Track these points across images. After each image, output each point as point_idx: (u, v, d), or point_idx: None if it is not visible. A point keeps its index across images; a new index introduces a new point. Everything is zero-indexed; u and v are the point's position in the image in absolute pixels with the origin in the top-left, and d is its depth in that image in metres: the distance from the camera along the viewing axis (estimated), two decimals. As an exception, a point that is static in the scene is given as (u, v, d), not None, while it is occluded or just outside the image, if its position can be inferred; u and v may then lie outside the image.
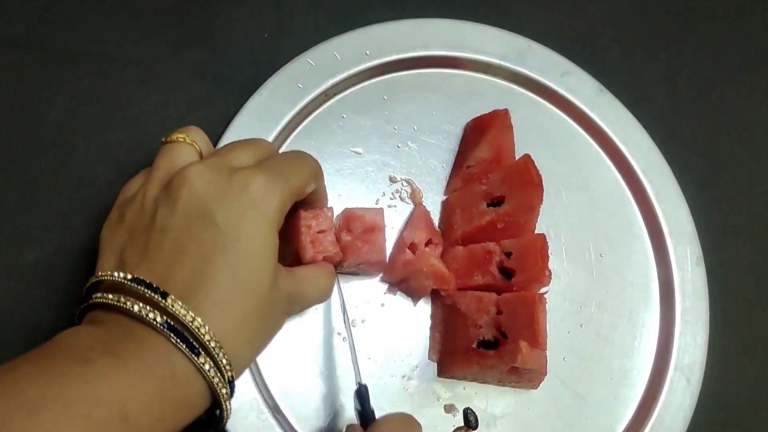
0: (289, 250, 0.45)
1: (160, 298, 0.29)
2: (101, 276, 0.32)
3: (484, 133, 0.50)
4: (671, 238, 0.52)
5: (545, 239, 0.44)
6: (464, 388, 0.47)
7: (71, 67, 0.51)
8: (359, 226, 0.45)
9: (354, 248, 0.45)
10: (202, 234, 0.31)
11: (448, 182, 0.51)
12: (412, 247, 0.47)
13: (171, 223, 0.32)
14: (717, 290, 0.52)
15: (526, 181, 0.45)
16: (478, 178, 0.49)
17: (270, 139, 0.49)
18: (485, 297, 0.45)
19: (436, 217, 0.50)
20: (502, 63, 0.53)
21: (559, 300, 0.50)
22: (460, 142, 0.52)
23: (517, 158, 0.50)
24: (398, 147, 0.51)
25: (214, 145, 0.48)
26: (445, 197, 0.51)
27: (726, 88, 0.59)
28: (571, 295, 0.50)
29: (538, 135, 0.53)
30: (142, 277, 0.30)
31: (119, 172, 0.49)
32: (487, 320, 0.45)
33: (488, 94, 0.53)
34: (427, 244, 0.48)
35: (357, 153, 0.51)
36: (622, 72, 0.57)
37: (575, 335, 0.49)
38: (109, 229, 0.35)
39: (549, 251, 0.45)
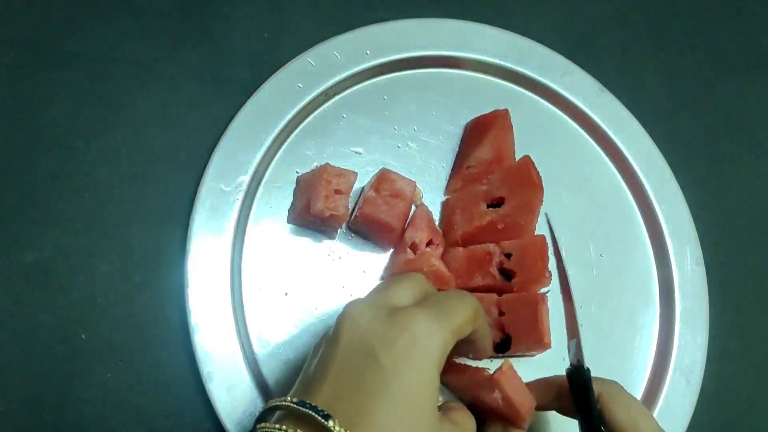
0: (300, 200, 0.46)
1: (323, 420, 0.29)
2: (268, 404, 0.32)
3: (484, 133, 0.50)
4: (671, 238, 0.52)
5: (545, 240, 0.44)
6: (464, 389, 0.47)
7: (71, 68, 0.51)
8: (387, 188, 0.46)
9: (374, 203, 0.46)
10: (363, 370, 0.32)
11: (448, 182, 0.51)
12: (413, 246, 0.47)
13: (333, 357, 0.32)
14: (717, 290, 0.52)
15: (526, 182, 0.45)
16: (478, 178, 0.49)
17: (270, 139, 0.49)
18: (485, 298, 0.45)
19: (436, 218, 0.50)
20: (502, 63, 0.53)
21: (560, 300, 0.50)
22: (460, 142, 0.52)
23: (517, 158, 0.50)
24: (398, 147, 0.51)
25: (213, 146, 0.48)
26: (445, 197, 0.51)
27: (726, 88, 0.59)
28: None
29: (538, 135, 0.53)
30: (306, 401, 0.31)
31: (118, 174, 0.49)
32: (489, 322, 0.45)
33: (488, 94, 0.53)
34: (428, 245, 0.48)
35: (357, 153, 0.51)
36: (622, 72, 0.57)
37: (575, 335, 0.49)
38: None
39: (549, 251, 0.45)
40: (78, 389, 0.44)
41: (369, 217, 0.46)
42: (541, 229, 0.49)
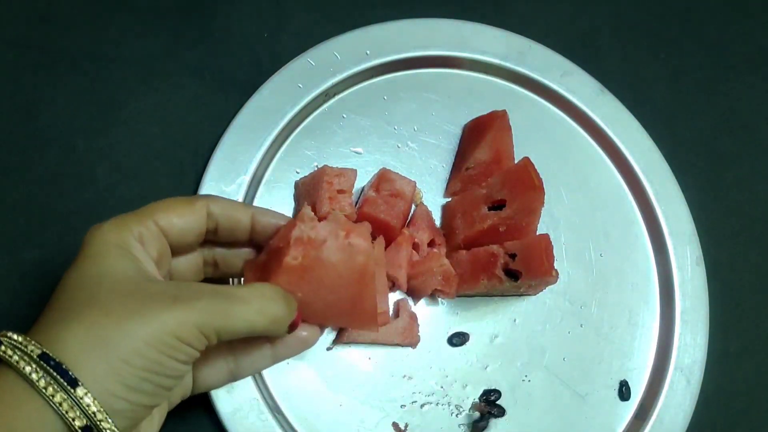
0: (304, 204, 0.46)
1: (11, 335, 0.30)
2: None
3: (482, 134, 0.50)
4: (671, 238, 0.52)
5: (549, 239, 0.44)
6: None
7: (71, 67, 0.51)
8: (388, 188, 0.47)
9: (373, 203, 0.46)
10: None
11: (448, 184, 0.51)
12: (415, 247, 0.47)
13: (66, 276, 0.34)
14: (717, 290, 0.52)
15: (527, 184, 0.45)
16: (478, 180, 0.49)
17: (270, 139, 0.49)
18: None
19: (436, 218, 0.50)
20: (502, 63, 0.53)
21: (559, 300, 0.50)
22: (459, 143, 0.52)
23: (516, 159, 0.50)
24: (398, 147, 0.51)
25: (213, 146, 0.48)
26: (445, 199, 0.51)
27: (726, 88, 0.59)
28: (571, 295, 0.50)
29: (538, 135, 0.53)
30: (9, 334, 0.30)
31: (119, 173, 0.49)
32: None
33: (488, 94, 0.53)
34: (430, 244, 0.48)
35: (357, 153, 0.51)
36: (622, 72, 0.57)
37: (575, 335, 0.49)
38: None
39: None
40: (78, 389, 0.44)
41: (369, 216, 0.46)
42: (541, 228, 0.49)
